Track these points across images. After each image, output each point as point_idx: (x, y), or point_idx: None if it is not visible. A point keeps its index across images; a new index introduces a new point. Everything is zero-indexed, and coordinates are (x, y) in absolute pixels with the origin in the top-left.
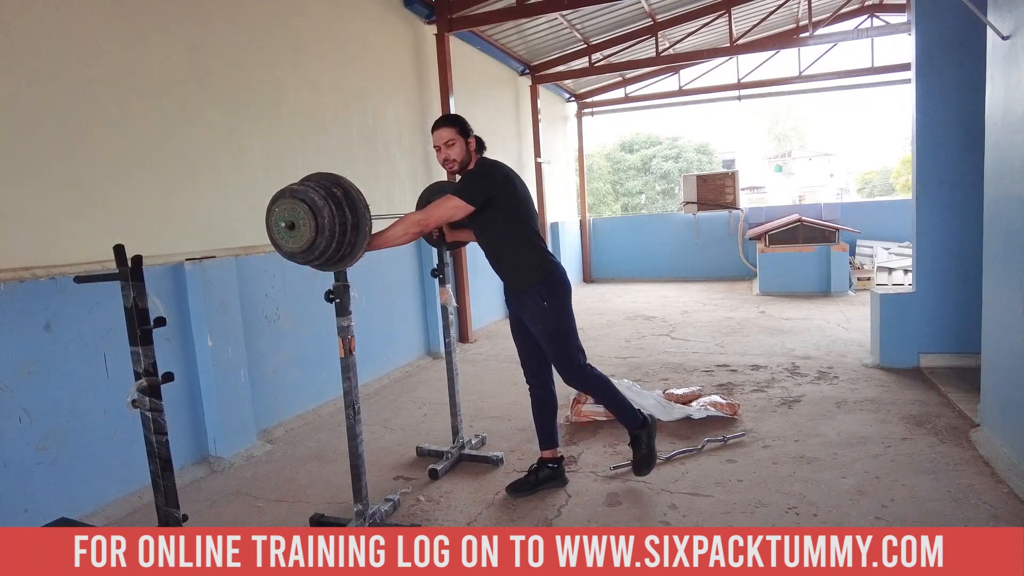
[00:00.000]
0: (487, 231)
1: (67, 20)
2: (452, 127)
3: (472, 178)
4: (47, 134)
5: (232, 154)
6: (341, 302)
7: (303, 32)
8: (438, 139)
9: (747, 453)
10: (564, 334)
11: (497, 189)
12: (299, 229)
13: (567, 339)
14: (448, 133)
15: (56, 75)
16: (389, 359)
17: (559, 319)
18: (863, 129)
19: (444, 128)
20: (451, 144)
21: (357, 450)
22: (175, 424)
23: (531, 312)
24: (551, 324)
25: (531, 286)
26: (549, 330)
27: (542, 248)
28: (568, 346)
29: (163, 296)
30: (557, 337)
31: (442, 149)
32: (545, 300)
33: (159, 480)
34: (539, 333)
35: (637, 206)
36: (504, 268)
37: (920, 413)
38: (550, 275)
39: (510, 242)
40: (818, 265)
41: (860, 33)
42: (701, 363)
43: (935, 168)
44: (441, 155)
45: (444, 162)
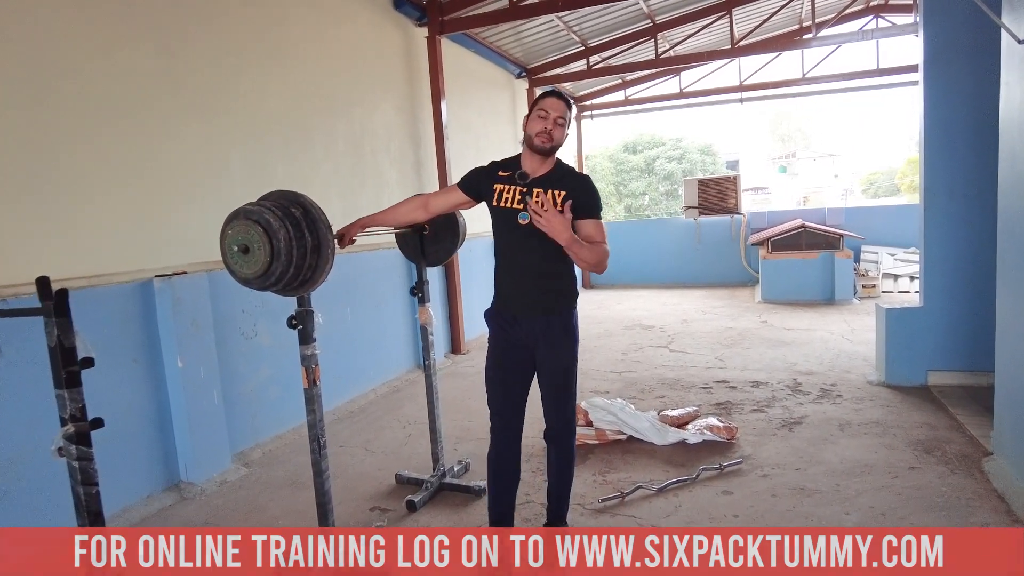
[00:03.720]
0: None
1: (26, 28)
2: (568, 107)
3: (596, 193)
4: (3, 146)
5: (209, 164)
6: (304, 329)
7: (285, 38)
8: (552, 107)
9: (744, 483)
10: (576, 370)
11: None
12: (253, 253)
13: (576, 377)
14: (564, 109)
15: (15, 84)
16: (376, 373)
17: (577, 350)
18: (868, 129)
19: (561, 102)
20: (562, 124)
21: (323, 487)
22: (143, 449)
23: (559, 341)
24: (575, 355)
25: (571, 308)
26: (572, 363)
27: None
28: (576, 386)
29: (130, 315)
30: (574, 371)
31: (550, 121)
32: (576, 327)
33: None
34: (557, 369)
35: (641, 207)
36: (553, 285)
37: (929, 438)
38: (578, 296)
39: (569, 258)
40: (822, 272)
41: (865, 34)
42: (699, 379)
43: (944, 176)
44: (541, 125)
45: (541, 134)
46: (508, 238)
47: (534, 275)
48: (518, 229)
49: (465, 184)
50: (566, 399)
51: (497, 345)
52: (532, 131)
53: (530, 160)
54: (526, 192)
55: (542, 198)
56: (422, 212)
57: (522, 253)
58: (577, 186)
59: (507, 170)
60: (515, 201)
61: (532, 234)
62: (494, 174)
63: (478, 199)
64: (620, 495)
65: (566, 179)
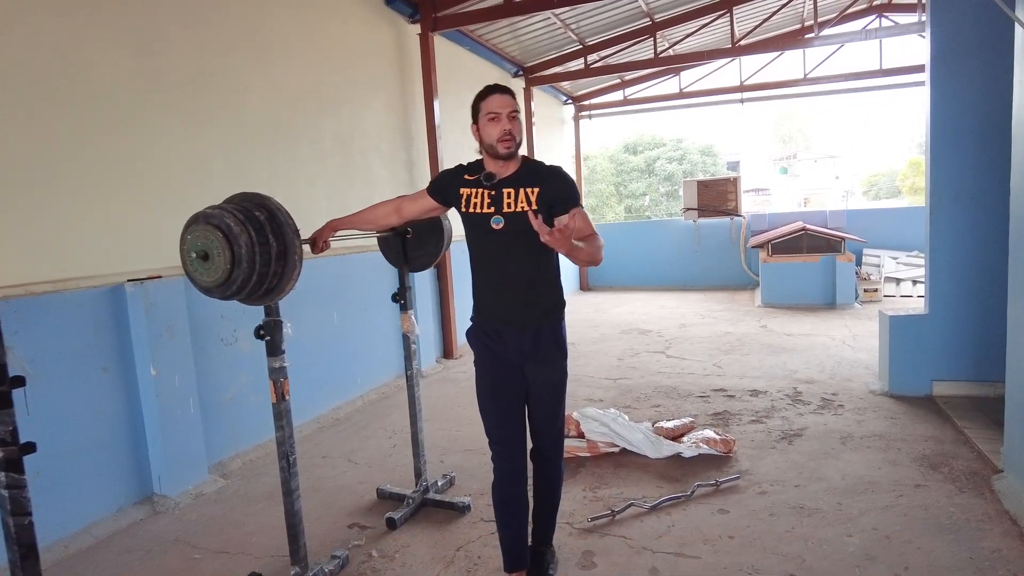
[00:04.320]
0: (543, 246)
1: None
2: (514, 98)
3: (572, 183)
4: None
5: (187, 163)
6: (272, 340)
7: (269, 33)
8: (501, 106)
9: (741, 501)
10: (566, 384)
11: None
12: (213, 260)
13: (565, 392)
14: (513, 103)
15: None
16: (364, 380)
17: (567, 363)
18: (869, 131)
19: (509, 96)
20: (515, 117)
21: (293, 507)
22: (113, 461)
23: (549, 354)
24: (564, 369)
25: (559, 318)
26: (563, 377)
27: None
28: (565, 400)
29: (100, 322)
30: (565, 387)
31: (502, 119)
32: (565, 336)
33: (18, 571)
34: (548, 384)
35: (641, 208)
36: (538, 292)
37: (935, 453)
38: (565, 305)
39: (556, 261)
40: (823, 276)
41: (868, 34)
42: (697, 387)
43: (951, 179)
44: (498, 127)
45: (503, 138)
46: (483, 246)
47: (517, 285)
48: (492, 235)
49: (433, 189)
50: (556, 417)
51: (485, 366)
52: (491, 138)
53: (493, 163)
54: (495, 195)
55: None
56: (395, 217)
57: (501, 261)
58: (551, 180)
59: (473, 173)
60: (485, 205)
61: (509, 240)
62: (460, 178)
63: (446, 205)
64: (611, 513)
65: (536, 175)
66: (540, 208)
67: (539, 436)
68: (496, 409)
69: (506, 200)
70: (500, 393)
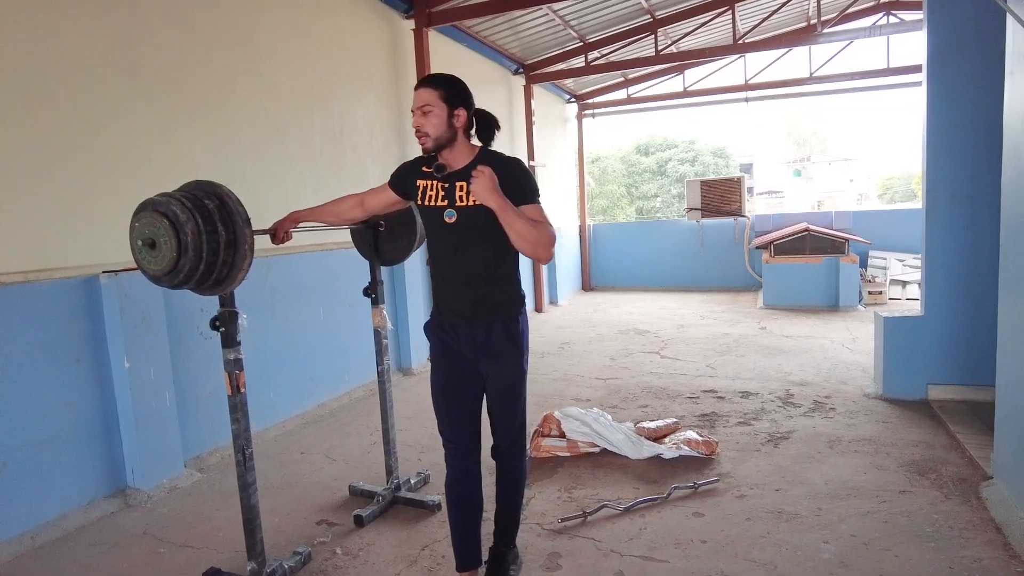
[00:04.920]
0: (502, 239)
1: None
2: (435, 89)
3: (528, 176)
4: None
5: (167, 155)
6: (227, 331)
7: (255, 26)
8: (414, 102)
9: (718, 504)
10: (525, 382)
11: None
12: (160, 248)
13: (525, 390)
14: (427, 95)
15: None
16: (351, 377)
17: (526, 360)
18: (885, 133)
19: (424, 89)
20: (427, 111)
21: (249, 501)
22: (86, 453)
23: (504, 350)
24: (522, 366)
25: (515, 314)
26: (519, 374)
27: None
28: (525, 398)
29: (73, 313)
30: (523, 385)
31: (417, 116)
32: (524, 333)
33: None
34: (503, 381)
35: (652, 209)
36: (493, 287)
37: (924, 458)
38: (525, 302)
39: (513, 256)
40: (826, 277)
41: (874, 31)
42: (687, 388)
43: (947, 178)
44: (414, 122)
45: (416, 132)
46: (438, 239)
47: (470, 279)
48: (446, 228)
49: (392, 181)
50: (514, 414)
51: (439, 361)
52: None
53: (448, 153)
54: (448, 187)
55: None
56: (359, 211)
57: (455, 254)
58: (504, 171)
59: (430, 165)
60: (439, 198)
61: (464, 233)
62: (418, 170)
63: (406, 198)
64: (583, 514)
65: (490, 166)
66: None
67: (497, 435)
68: (448, 406)
69: (458, 193)
70: (453, 389)
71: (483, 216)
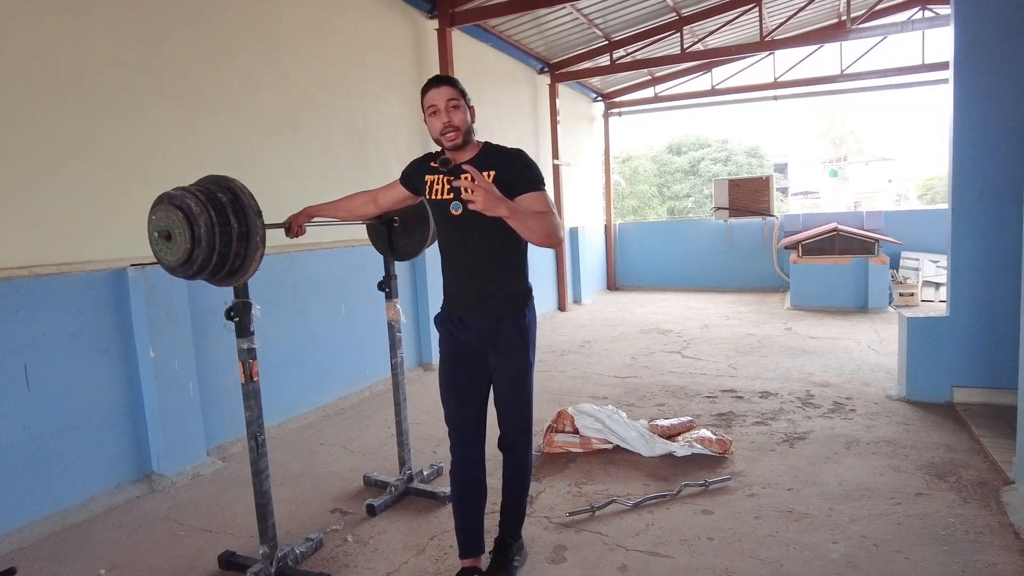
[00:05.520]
0: (508, 231)
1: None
2: (453, 86)
3: (530, 165)
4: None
5: (191, 153)
6: (241, 321)
7: (278, 26)
8: (438, 98)
9: (728, 503)
10: (532, 374)
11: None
12: (175, 240)
13: (532, 383)
14: (451, 91)
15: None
16: (372, 371)
17: (533, 353)
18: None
19: (445, 86)
20: (456, 106)
21: (262, 487)
22: (113, 439)
23: (510, 343)
24: (529, 359)
25: (522, 308)
26: (526, 367)
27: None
28: (532, 391)
29: (102, 304)
30: (530, 377)
31: (441, 112)
32: (531, 327)
33: None
34: (509, 374)
35: (684, 209)
36: (499, 280)
37: (944, 461)
38: (533, 296)
39: (519, 251)
40: (855, 278)
41: (907, 25)
42: (706, 387)
43: (975, 176)
44: (438, 120)
45: (444, 131)
46: (446, 233)
47: (478, 272)
48: (453, 222)
49: (403, 177)
50: (520, 406)
51: (448, 353)
52: (435, 133)
53: (451, 152)
54: (453, 180)
55: (471, 173)
56: (372, 207)
57: (463, 249)
58: (507, 162)
59: (436, 160)
60: (445, 191)
61: (471, 227)
62: (426, 165)
63: (416, 193)
64: (591, 509)
65: (493, 158)
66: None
67: (504, 425)
68: (453, 396)
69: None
70: (459, 380)
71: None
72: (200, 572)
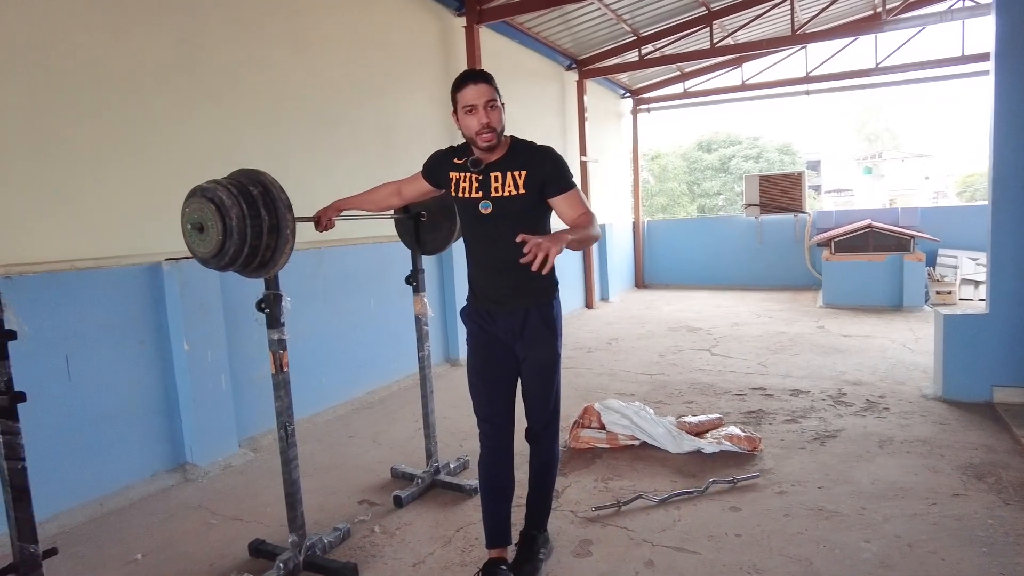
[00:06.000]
0: (536, 228)
1: (39, 12)
2: (491, 84)
3: (560, 163)
4: (10, 128)
5: (225, 150)
6: (272, 313)
7: (310, 25)
8: (476, 97)
9: (757, 500)
10: (559, 365)
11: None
12: (207, 232)
13: (559, 373)
14: (489, 91)
15: (23, 67)
16: (401, 365)
17: (560, 344)
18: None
19: (484, 84)
20: (493, 106)
21: (291, 476)
22: (149, 429)
23: (538, 335)
24: (557, 350)
25: (549, 300)
26: (554, 358)
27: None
28: (559, 382)
29: (138, 297)
30: (557, 368)
31: (479, 111)
32: (558, 318)
33: (12, 512)
34: (537, 365)
35: (714, 207)
36: (528, 275)
37: (983, 462)
38: (559, 287)
39: None
40: (889, 276)
41: (947, 15)
42: (735, 385)
43: (1016, 170)
44: (476, 121)
45: (482, 131)
46: (473, 230)
47: (506, 268)
48: (481, 220)
49: (425, 170)
50: (548, 397)
51: (477, 345)
52: (470, 131)
53: (479, 151)
54: (482, 179)
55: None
56: (396, 198)
57: (490, 245)
58: (539, 161)
59: (462, 156)
60: (473, 190)
61: (498, 224)
62: (450, 161)
63: (439, 187)
64: (617, 504)
65: (524, 157)
66: (529, 190)
67: (531, 417)
68: (483, 387)
69: (493, 184)
70: (488, 372)
71: (518, 206)
72: (231, 559)
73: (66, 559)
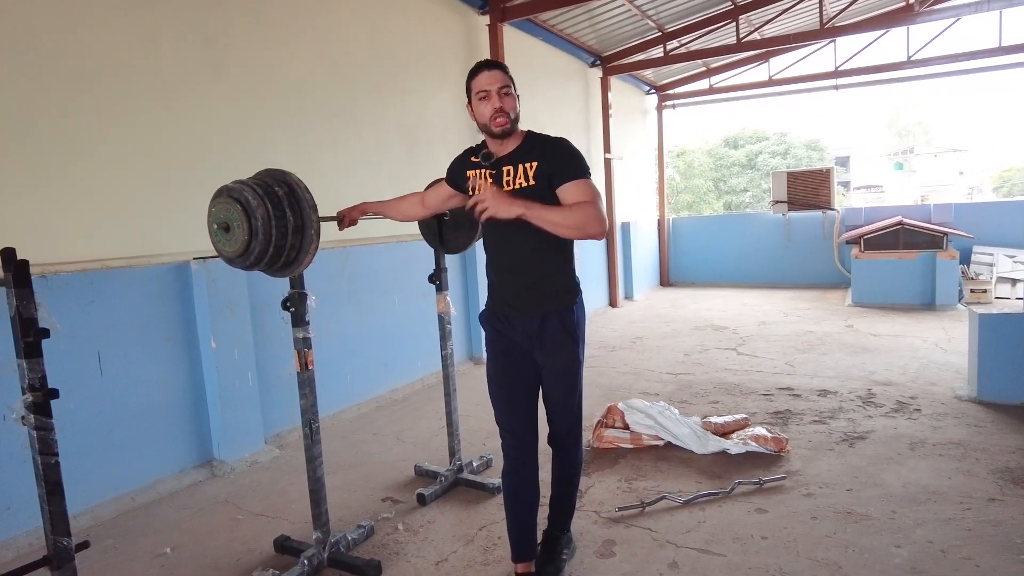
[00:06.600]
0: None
1: (68, 15)
2: (505, 72)
3: (573, 153)
4: (45, 131)
5: (251, 150)
6: (297, 311)
7: (333, 24)
8: (490, 83)
9: (784, 502)
10: (581, 372)
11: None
12: (233, 231)
13: (581, 380)
14: (503, 77)
15: (56, 71)
16: (424, 363)
17: (582, 351)
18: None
19: (497, 71)
20: (507, 93)
21: (315, 473)
22: (177, 425)
23: (558, 341)
24: (579, 356)
25: (570, 305)
26: (575, 364)
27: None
28: (581, 389)
29: (167, 296)
30: (579, 374)
31: (493, 96)
32: (580, 324)
33: (46, 505)
34: (558, 372)
35: (741, 204)
36: (543, 276)
37: (1020, 466)
38: (581, 292)
39: (564, 245)
40: (921, 274)
41: (983, 5)
42: (762, 385)
43: None
44: (489, 105)
45: (495, 116)
46: (489, 229)
47: (521, 269)
48: (495, 219)
49: (447, 176)
50: (570, 404)
51: (496, 351)
52: (484, 118)
53: (493, 142)
54: (495, 174)
55: (478, 184)
56: (420, 208)
57: (505, 244)
58: (550, 151)
59: (477, 154)
60: (487, 186)
61: (512, 224)
62: (467, 161)
63: (461, 191)
64: (641, 505)
65: (535, 148)
66: (539, 181)
67: (554, 423)
68: (503, 395)
69: (506, 178)
70: (508, 379)
71: (528, 198)
72: (257, 555)
73: (98, 552)
